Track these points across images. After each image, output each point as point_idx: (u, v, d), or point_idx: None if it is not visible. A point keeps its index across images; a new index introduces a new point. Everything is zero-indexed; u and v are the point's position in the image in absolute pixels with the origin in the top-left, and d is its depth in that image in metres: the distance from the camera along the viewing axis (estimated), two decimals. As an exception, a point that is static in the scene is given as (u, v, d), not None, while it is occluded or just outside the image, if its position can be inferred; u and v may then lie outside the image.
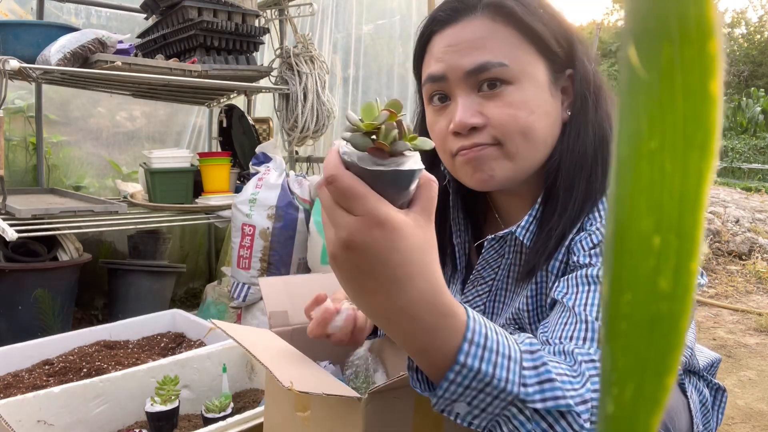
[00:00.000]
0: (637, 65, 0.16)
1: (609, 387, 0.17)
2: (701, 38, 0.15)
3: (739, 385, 2.15)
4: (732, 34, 18.90)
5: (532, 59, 0.73)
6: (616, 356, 0.17)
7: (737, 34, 18.96)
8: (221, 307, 2.29)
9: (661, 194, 0.16)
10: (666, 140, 0.16)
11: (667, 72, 0.15)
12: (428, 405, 0.77)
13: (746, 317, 3.02)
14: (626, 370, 0.17)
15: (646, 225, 0.16)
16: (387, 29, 3.10)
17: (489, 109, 0.73)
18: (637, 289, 0.17)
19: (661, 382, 0.17)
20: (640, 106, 0.16)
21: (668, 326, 0.17)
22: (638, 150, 0.16)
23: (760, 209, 5.03)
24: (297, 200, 2.10)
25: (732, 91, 15.73)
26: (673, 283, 0.16)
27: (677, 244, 0.16)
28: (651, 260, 0.16)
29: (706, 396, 0.95)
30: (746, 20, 19.48)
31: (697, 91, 0.15)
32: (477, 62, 0.72)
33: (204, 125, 3.17)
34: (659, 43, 0.15)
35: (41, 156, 2.59)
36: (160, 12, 2.37)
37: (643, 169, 0.16)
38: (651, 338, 0.17)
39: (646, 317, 0.17)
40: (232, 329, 0.88)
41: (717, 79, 0.15)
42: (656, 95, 0.16)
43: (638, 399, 0.17)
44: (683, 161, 0.16)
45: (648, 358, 0.17)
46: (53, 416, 1.20)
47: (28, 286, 1.99)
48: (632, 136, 0.16)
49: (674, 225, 0.16)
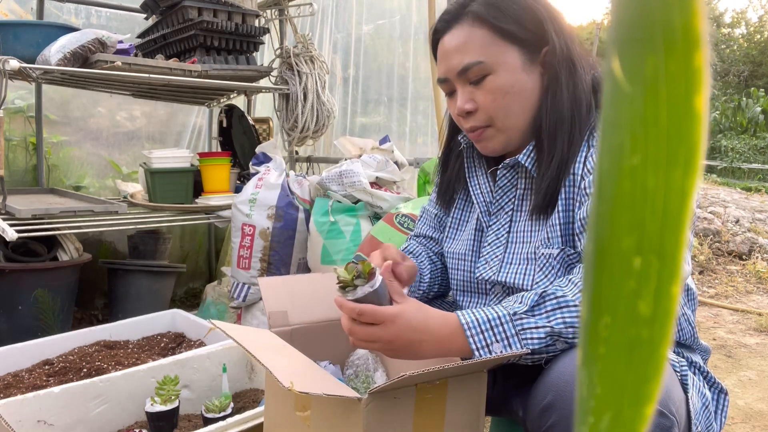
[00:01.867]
0: (620, 77, 0.15)
1: (585, 416, 0.17)
2: (687, 50, 0.14)
3: (739, 385, 2.15)
4: (732, 34, 18.89)
5: (505, 50, 0.93)
6: (593, 383, 0.16)
7: (737, 34, 18.96)
8: (221, 307, 2.29)
9: (643, 213, 0.15)
10: (649, 156, 0.15)
11: (651, 85, 0.15)
12: (428, 405, 0.77)
13: (746, 317, 3.02)
14: (603, 398, 0.16)
15: (627, 244, 0.15)
16: (387, 29, 3.09)
17: (477, 96, 0.96)
18: (617, 312, 0.16)
19: (639, 412, 0.16)
20: (623, 120, 0.15)
21: (648, 352, 0.16)
22: (620, 166, 0.15)
23: (760, 209, 5.03)
24: (297, 200, 2.10)
25: (732, 91, 15.73)
26: (654, 307, 0.15)
27: (659, 265, 0.15)
28: (631, 282, 0.16)
29: (708, 398, 0.94)
30: (746, 20, 19.46)
31: (681, 106, 0.15)
32: (461, 65, 0.95)
33: (204, 125, 3.17)
34: (643, 54, 0.15)
35: (41, 156, 2.59)
36: (160, 12, 2.37)
37: (624, 186, 0.15)
38: (630, 364, 0.16)
39: (626, 342, 0.16)
40: (231, 329, 0.88)
41: (702, 93, 0.15)
42: (639, 109, 0.15)
43: (614, 429, 0.16)
44: (666, 178, 0.15)
45: (626, 385, 0.16)
46: (53, 416, 1.20)
47: (28, 286, 1.99)
48: (614, 151, 0.15)
49: (656, 245, 0.15)
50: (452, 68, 0.96)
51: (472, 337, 0.79)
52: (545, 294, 0.80)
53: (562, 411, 0.72)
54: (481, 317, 0.80)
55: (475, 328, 0.79)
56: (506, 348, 0.78)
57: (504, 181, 1.02)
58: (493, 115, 0.95)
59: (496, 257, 1.00)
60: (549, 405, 0.74)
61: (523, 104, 0.95)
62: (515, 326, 0.79)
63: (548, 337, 0.78)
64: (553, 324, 0.78)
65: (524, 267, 0.95)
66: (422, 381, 0.77)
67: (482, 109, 0.95)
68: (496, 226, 1.03)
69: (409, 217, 1.74)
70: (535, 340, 0.78)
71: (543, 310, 0.79)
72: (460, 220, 1.12)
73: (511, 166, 1.01)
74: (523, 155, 0.97)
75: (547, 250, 0.92)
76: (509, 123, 0.96)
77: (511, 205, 1.02)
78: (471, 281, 1.05)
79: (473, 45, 0.93)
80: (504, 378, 1.01)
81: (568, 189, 0.92)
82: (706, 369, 0.99)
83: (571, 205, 0.92)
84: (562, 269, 0.91)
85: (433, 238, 1.17)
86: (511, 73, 0.93)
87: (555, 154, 0.93)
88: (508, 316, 0.79)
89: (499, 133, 0.97)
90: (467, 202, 1.11)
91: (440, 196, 1.15)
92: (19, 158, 2.61)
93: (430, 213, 1.18)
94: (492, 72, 0.93)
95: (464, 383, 0.82)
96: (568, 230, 0.92)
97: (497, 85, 0.93)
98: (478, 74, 0.94)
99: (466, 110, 0.96)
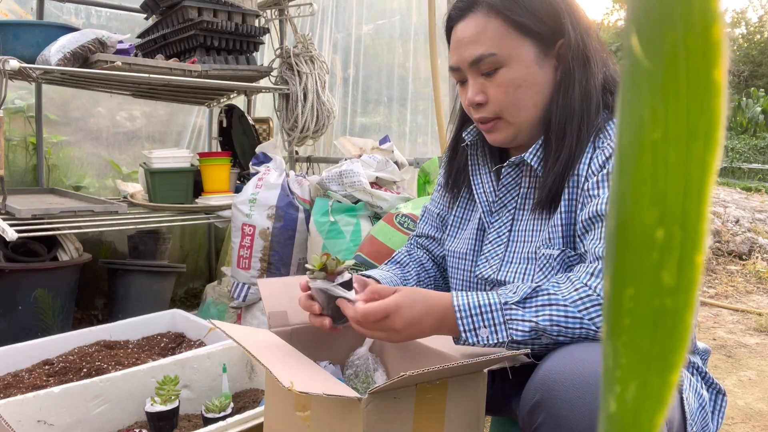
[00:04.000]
0: (639, 54, 0.15)
1: (611, 385, 0.17)
2: (705, 25, 0.14)
3: (739, 385, 2.15)
4: (732, 34, 18.89)
5: (519, 43, 0.92)
6: (618, 353, 0.17)
7: (737, 34, 18.95)
8: (221, 307, 2.29)
9: (665, 186, 0.15)
10: (669, 130, 0.15)
11: (671, 60, 0.15)
12: (428, 405, 0.77)
13: (746, 317, 3.02)
14: (629, 367, 0.16)
15: (649, 218, 0.16)
16: (387, 29, 3.09)
17: (488, 88, 0.95)
18: (641, 284, 0.16)
19: (665, 380, 0.16)
20: (643, 95, 0.15)
21: (672, 321, 0.16)
22: (641, 141, 0.16)
23: (760, 209, 5.02)
24: (297, 200, 2.10)
25: (732, 91, 15.72)
26: (677, 277, 0.16)
27: (681, 236, 0.16)
28: (654, 254, 0.16)
29: (705, 399, 0.94)
30: (746, 20, 19.46)
31: (701, 80, 0.15)
32: (474, 56, 0.94)
33: (204, 125, 3.17)
34: (662, 30, 0.15)
35: (41, 156, 2.59)
36: (160, 12, 2.37)
37: (645, 161, 0.16)
38: (655, 334, 0.16)
39: (650, 312, 0.16)
40: (231, 329, 0.88)
41: (721, 66, 0.15)
42: (659, 84, 0.15)
43: (641, 397, 0.16)
44: (687, 152, 0.15)
45: (652, 355, 0.16)
46: (53, 416, 1.20)
47: (28, 286, 1.99)
48: (634, 126, 0.16)
49: (678, 217, 0.15)
50: (464, 58, 0.95)
51: (461, 320, 0.82)
52: (539, 288, 0.82)
53: (549, 409, 0.73)
54: (473, 302, 0.82)
55: (465, 311, 0.82)
56: (492, 335, 0.81)
57: (508, 179, 1.02)
58: (503, 108, 0.95)
59: (496, 256, 1.00)
60: (537, 404, 0.75)
61: (534, 98, 0.94)
62: (504, 315, 0.81)
63: (532, 331, 0.80)
64: (539, 320, 0.79)
65: (524, 266, 0.95)
66: (422, 381, 0.77)
67: (493, 102, 0.95)
68: (498, 224, 1.03)
69: (409, 217, 1.74)
70: (519, 332, 0.80)
71: (533, 304, 0.81)
72: (462, 219, 1.11)
73: (516, 165, 1.01)
74: (530, 154, 0.96)
75: (547, 251, 0.92)
76: (519, 116, 0.95)
77: (513, 204, 1.02)
78: (471, 280, 1.04)
79: (487, 36, 0.92)
80: (503, 378, 1.01)
81: (571, 190, 0.92)
82: (705, 370, 0.99)
83: (573, 206, 0.92)
84: (561, 271, 0.91)
85: (435, 237, 1.16)
86: (524, 67, 0.93)
87: (563, 150, 0.92)
88: (499, 304, 0.82)
89: (508, 126, 0.97)
90: (470, 200, 1.11)
91: (448, 184, 1.13)
92: (19, 158, 2.61)
93: (431, 212, 1.18)
94: (504, 65, 0.92)
95: (464, 383, 0.82)
96: (570, 231, 0.92)
97: (509, 78, 0.93)
98: (490, 66, 0.93)
99: (477, 102, 0.96)
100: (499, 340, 0.81)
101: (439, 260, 1.17)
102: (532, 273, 0.94)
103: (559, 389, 0.72)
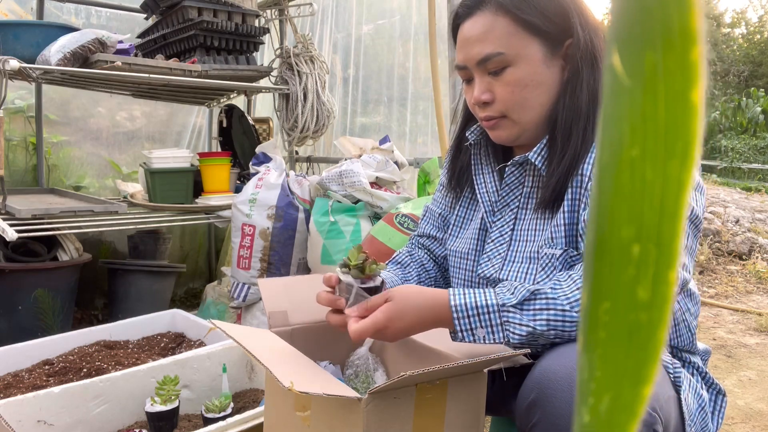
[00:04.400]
0: (620, 71, 0.16)
1: (585, 397, 0.17)
2: (684, 46, 0.15)
3: (739, 385, 2.15)
4: (732, 34, 18.87)
5: (527, 42, 0.92)
6: (593, 366, 0.17)
7: (737, 34, 18.93)
8: (221, 307, 2.29)
9: (642, 203, 0.16)
10: (647, 148, 0.16)
11: (650, 79, 0.15)
12: (428, 405, 0.77)
13: (746, 317, 3.02)
14: (603, 380, 0.17)
15: (626, 233, 0.16)
16: (387, 29, 3.09)
17: (495, 87, 0.94)
18: (616, 298, 0.17)
19: (637, 393, 0.17)
20: (623, 112, 0.16)
21: (646, 336, 0.16)
22: (619, 157, 0.16)
23: (760, 209, 5.02)
24: (297, 200, 2.10)
25: (732, 91, 15.72)
26: (652, 293, 0.16)
27: (656, 253, 0.16)
28: (630, 269, 0.16)
29: (704, 400, 0.94)
30: (746, 20, 19.44)
31: (678, 100, 0.15)
32: (482, 54, 0.93)
33: (204, 125, 3.17)
34: (642, 50, 0.15)
35: (41, 156, 2.59)
36: (160, 12, 2.37)
37: (624, 177, 0.16)
38: (629, 348, 0.16)
39: (625, 326, 0.16)
40: (231, 329, 0.88)
41: (699, 87, 0.15)
42: (638, 102, 0.15)
43: (614, 409, 0.17)
44: (664, 170, 0.15)
45: (626, 368, 0.17)
46: (53, 416, 1.20)
47: (28, 286, 1.99)
48: (614, 143, 0.16)
49: (654, 234, 0.16)
50: (471, 57, 0.94)
51: (458, 320, 0.82)
52: (537, 292, 0.81)
53: (545, 408, 0.73)
54: (470, 302, 0.83)
55: (462, 312, 0.82)
56: (489, 335, 0.82)
57: (512, 178, 1.02)
58: (509, 107, 0.94)
59: (499, 255, 1.00)
60: (533, 403, 0.75)
61: (540, 98, 0.94)
62: (501, 317, 0.82)
63: (529, 335, 0.80)
64: (536, 325, 0.80)
65: (526, 266, 0.95)
66: (422, 381, 0.77)
67: (499, 101, 0.95)
68: (501, 222, 1.02)
69: (409, 217, 1.74)
70: (516, 335, 0.81)
71: (531, 308, 0.81)
72: (465, 218, 1.11)
73: (520, 164, 1.00)
74: (534, 153, 0.96)
75: (550, 250, 0.92)
76: (525, 116, 0.95)
77: (516, 203, 1.02)
78: (472, 280, 1.04)
79: (494, 35, 0.92)
80: (503, 378, 1.01)
81: (575, 189, 0.92)
82: (705, 370, 0.99)
83: (576, 206, 0.92)
84: (563, 270, 0.91)
85: (437, 237, 1.16)
86: (531, 67, 0.92)
87: (567, 150, 0.92)
88: (496, 305, 0.82)
89: (513, 125, 0.97)
90: (472, 200, 1.10)
91: (450, 183, 1.13)
92: (19, 158, 2.61)
93: (433, 212, 1.17)
94: (512, 64, 0.92)
95: (464, 383, 0.82)
96: (572, 231, 0.91)
97: (516, 77, 0.92)
98: (497, 65, 0.92)
99: (483, 100, 0.95)
100: (495, 340, 0.82)
101: (440, 260, 1.16)
102: (534, 272, 0.94)
103: (554, 388, 0.73)
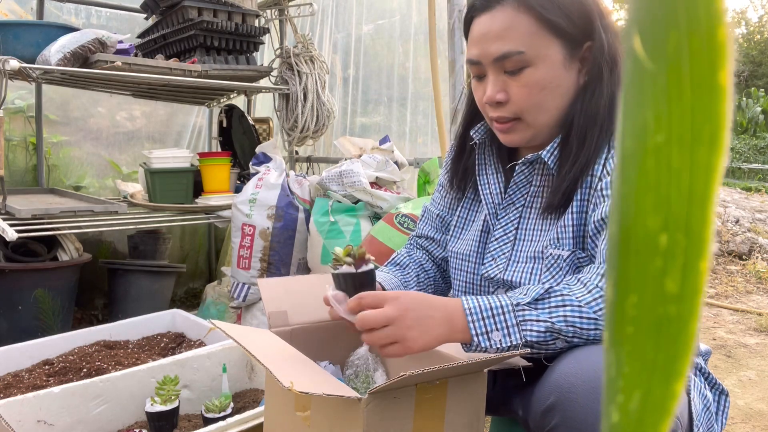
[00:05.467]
0: (641, 55, 0.15)
1: (614, 395, 0.16)
2: (710, 26, 0.14)
3: (739, 385, 2.15)
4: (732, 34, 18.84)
5: (548, 42, 0.88)
6: (621, 362, 0.16)
7: (737, 34, 18.93)
8: (221, 307, 2.29)
9: (668, 191, 0.15)
10: (673, 134, 0.15)
11: (674, 62, 0.14)
12: (428, 405, 0.77)
13: (746, 317, 3.02)
14: (632, 376, 0.16)
15: (652, 223, 0.15)
16: (387, 29, 3.09)
17: (511, 87, 0.91)
18: (644, 291, 0.16)
19: (669, 389, 0.16)
20: (646, 98, 0.15)
21: (677, 329, 0.16)
22: (644, 145, 0.15)
23: (760, 209, 5.02)
24: (297, 200, 2.10)
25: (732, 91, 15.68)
26: (681, 284, 0.15)
27: (685, 243, 0.15)
28: (658, 260, 0.15)
29: (709, 400, 0.93)
30: (746, 20, 19.45)
31: (705, 82, 0.14)
32: (500, 52, 0.89)
33: (204, 125, 3.17)
34: (665, 31, 0.14)
35: (41, 156, 2.59)
36: (160, 12, 2.37)
37: (648, 165, 0.15)
38: (658, 342, 0.16)
39: (653, 320, 0.16)
40: (231, 329, 0.88)
41: (726, 69, 0.14)
42: (662, 87, 0.15)
43: (645, 407, 0.16)
44: (691, 156, 0.15)
45: (656, 364, 0.16)
46: (53, 416, 1.20)
47: (28, 286, 1.99)
48: (637, 130, 0.15)
49: (682, 223, 0.15)
50: (488, 54, 0.90)
51: (473, 323, 0.79)
52: (551, 289, 0.80)
53: (565, 412, 0.72)
54: (483, 304, 0.80)
55: (476, 314, 0.79)
56: (505, 337, 0.78)
57: (520, 177, 0.99)
58: (525, 109, 0.91)
59: (503, 254, 0.98)
60: (552, 406, 0.74)
61: (556, 101, 0.91)
62: (516, 317, 0.79)
63: (548, 332, 0.77)
64: (554, 320, 0.77)
65: (531, 266, 0.94)
66: (422, 381, 0.77)
67: (514, 102, 0.91)
68: (505, 221, 1.00)
69: (409, 217, 1.74)
70: (534, 332, 0.78)
71: (546, 305, 0.79)
72: (466, 220, 1.09)
73: (531, 162, 0.97)
74: (547, 152, 0.93)
75: (556, 251, 0.90)
76: (540, 119, 0.92)
77: (522, 201, 0.99)
78: (474, 282, 1.03)
79: (516, 33, 0.88)
80: (504, 378, 1.01)
81: (584, 190, 0.90)
82: (707, 370, 0.99)
83: (585, 207, 0.90)
84: (570, 272, 0.90)
85: (435, 239, 1.15)
86: (551, 68, 0.89)
87: (581, 156, 0.89)
88: (510, 306, 0.79)
89: (527, 128, 0.93)
90: (474, 201, 1.09)
91: (452, 184, 1.11)
92: (19, 158, 2.61)
93: (431, 213, 1.16)
94: (531, 64, 0.88)
95: (464, 383, 0.82)
96: (580, 232, 0.90)
97: (535, 79, 0.89)
98: (515, 65, 0.89)
99: (497, 100, 0.91)
100: (512, 342, 0.78)
101: (438, 261, 1.16)
102: (539, 273, 0.92)
103: (575, 392, 0.72)
